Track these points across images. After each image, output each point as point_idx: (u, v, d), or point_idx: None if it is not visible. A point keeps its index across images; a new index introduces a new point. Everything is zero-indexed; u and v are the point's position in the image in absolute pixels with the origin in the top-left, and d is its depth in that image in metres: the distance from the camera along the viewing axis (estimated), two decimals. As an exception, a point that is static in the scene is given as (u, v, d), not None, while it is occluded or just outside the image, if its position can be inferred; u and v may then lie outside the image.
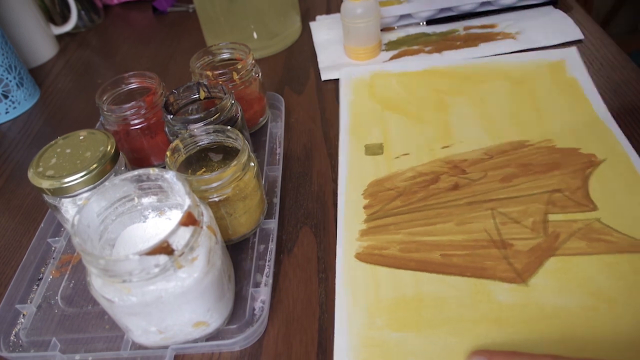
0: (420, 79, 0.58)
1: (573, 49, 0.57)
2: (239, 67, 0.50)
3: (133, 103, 0.47)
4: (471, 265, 0.38)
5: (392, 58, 0.63)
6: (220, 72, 0.50)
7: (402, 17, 0.69)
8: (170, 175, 0.34)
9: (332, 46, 0.68)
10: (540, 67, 0.56)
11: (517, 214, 0.41)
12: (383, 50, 0.66)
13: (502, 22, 0.66)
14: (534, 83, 0.54)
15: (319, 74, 0.64)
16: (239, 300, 0.39)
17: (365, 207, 0.45)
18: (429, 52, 0.63)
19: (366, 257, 0.41)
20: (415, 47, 0.65)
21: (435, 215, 0.43)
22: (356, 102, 0.57)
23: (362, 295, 0.38)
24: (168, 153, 0.40)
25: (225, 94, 0.45)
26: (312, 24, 0.75)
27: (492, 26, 0.65)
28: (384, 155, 0.49)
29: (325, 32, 0.72)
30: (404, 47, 0.65)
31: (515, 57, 0.58)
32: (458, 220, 0.42)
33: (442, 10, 0.68)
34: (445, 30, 0.67)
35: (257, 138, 0.54)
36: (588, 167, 0.44)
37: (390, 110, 0.55)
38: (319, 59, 0.66)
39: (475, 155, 0.47)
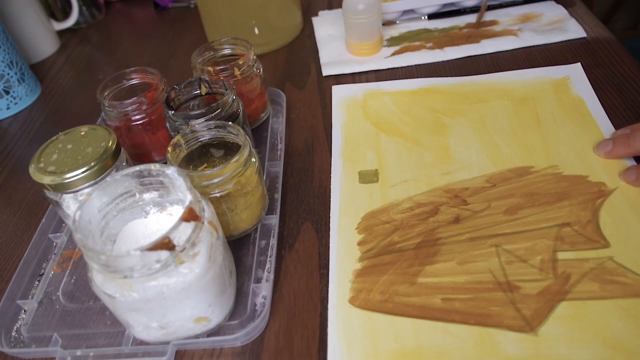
0: (415, 98, 0.55)
1: (577, 65, 0.54)
2: (240, 62, 0.50)
3: (134, 99, 0.47)
4: (475, 311, 0.36)
5: (393, 54, 0.63)
6: (221, 67, 0.50)
7: (404, 12, 0.69)
8: (171, 171, 0.34)
9: (334, 42, 0.68)
10: (543, 85, 0.53)
11: (524, 251, 0.38)
12: (385, 46, 0.65)
13: (504, 19, 0.65)
14: (538, 103, 0.51)
15: (320, 69, 0.64)
16: (240, 296, 0.39)
17: (359, 244, 0.41)
18: (431, 48, 0.63)
19: (361, 302, 0.37)
20: (417, 44, 0.65)
21: (435, 253, 0.40)
22: (349, 124, 0.53)
23: (358, 346, 0.35)
24: (169, 149, 0.39)
25: (226, 89, 0.45)
26: (315, 19, 0.74)
27: (493, 23, 0.65)
28: (379, 183, 0.46)
29: (327, 27, 0.72)
30: (405, 43, 0.65)
31: (517, 75, 0.55)
32: (460, 258, 0.39)
33: (444, 5, 0.68)
34: (447, 27, 0.67)
35: (258, 134, 0.54)
36: (598, 197, 0.41)
37: (385, 132, 0.51)
38: (320, 55, 0.66)
39: (477, 183, 0.44)
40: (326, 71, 0.63)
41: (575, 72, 0.54)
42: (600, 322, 0.34)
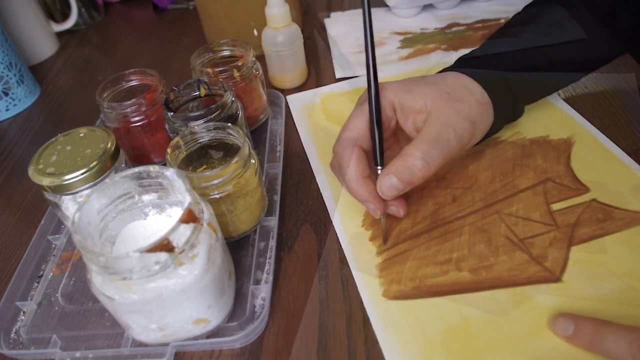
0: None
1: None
2: (240, 64, 0.50)
3: (134, 100, 0.47)
4: (502, 275, 0.37)
5: (407, 57, 0.63)
6: (220, 69, 0.50)
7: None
8: (170, 173, 0.34)
9: (346, 41, 0.68)
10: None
11: (523, 210, 0.41)
12: (398, 47, 0.65)
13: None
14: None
15: (320, 70, 0.64)
16: (240, 298, 0.39)
17: (371, 240, 0.42)
18: (445, 49, 0.63)
19: (395, 293, 0.38)
20: (431, 46, 0.64)
21: (445, 232, 0.41)
22: (307, 125, 0.55)
23: (410, 335, 0.35)
24: (169, 150, 0.39)
25: (225, 91, 0.45)
26: (327, 21, 0.75)
27: (497, 24, 0.66)
28: None
29: (340, 27, 0.72)
30: (419, 45, 0.65)
31: None
32: (470, 230, 0.41)
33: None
34: (461, 29, 0.67)
35: (257, 135, 0.54)
36: (564, 150, 0.46)
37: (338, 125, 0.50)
38: (333, 55, 0.67)
39: (455, 162, 0.47)
40: (339, 73, 0.63)
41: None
42: (609, 256, 0.37)
